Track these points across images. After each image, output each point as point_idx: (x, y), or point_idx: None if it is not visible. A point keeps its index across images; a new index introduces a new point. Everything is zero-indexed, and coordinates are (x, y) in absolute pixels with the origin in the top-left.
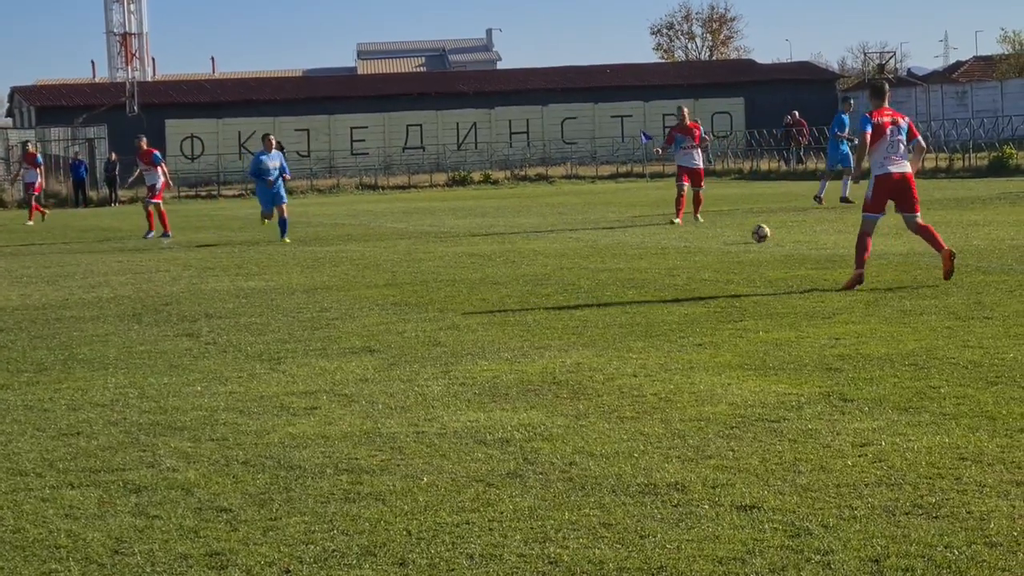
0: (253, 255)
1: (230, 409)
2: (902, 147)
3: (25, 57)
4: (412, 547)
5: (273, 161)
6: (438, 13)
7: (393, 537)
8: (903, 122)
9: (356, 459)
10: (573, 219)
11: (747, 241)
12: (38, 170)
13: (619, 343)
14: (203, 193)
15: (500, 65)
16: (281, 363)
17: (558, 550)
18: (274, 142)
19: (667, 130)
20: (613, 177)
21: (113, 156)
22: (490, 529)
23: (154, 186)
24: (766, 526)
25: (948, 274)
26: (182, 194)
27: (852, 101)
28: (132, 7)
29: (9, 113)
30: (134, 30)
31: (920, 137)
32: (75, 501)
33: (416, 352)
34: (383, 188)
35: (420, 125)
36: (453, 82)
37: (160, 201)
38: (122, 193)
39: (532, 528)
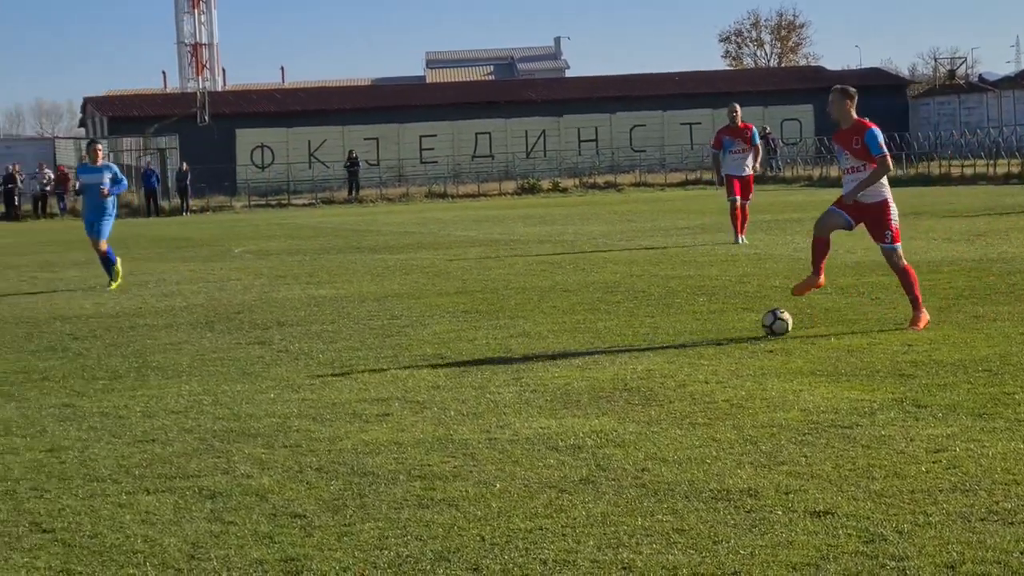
0: (324, 263)
1: (303, 416)
2: None
3: (97, 67)
4: (486, 553)
5: (97, 176)
6: (506, 22)
7: (467, 543)
8: None
9: (429, 465)
10: (642, 227)
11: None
12: None
13: (690, 350)
14: (273, 202)
15: (568, 73)
16: (353, 370)
17: (632, 556)
18: (101, 152)
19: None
20: (682, 185)
21: (184, 166)
22: (563, 535)
23: None
24: (840, 532)
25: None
26: (252, 203)
27: None
28: (203, 18)
29: (82, 123)
30: (204, 40)
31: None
32: (151, 507)
33: (487, 359)
34: (452, 196)
35: (489, 133)
36: (522, 90)
37: None
38: (193, 203)
39: (605, 534)
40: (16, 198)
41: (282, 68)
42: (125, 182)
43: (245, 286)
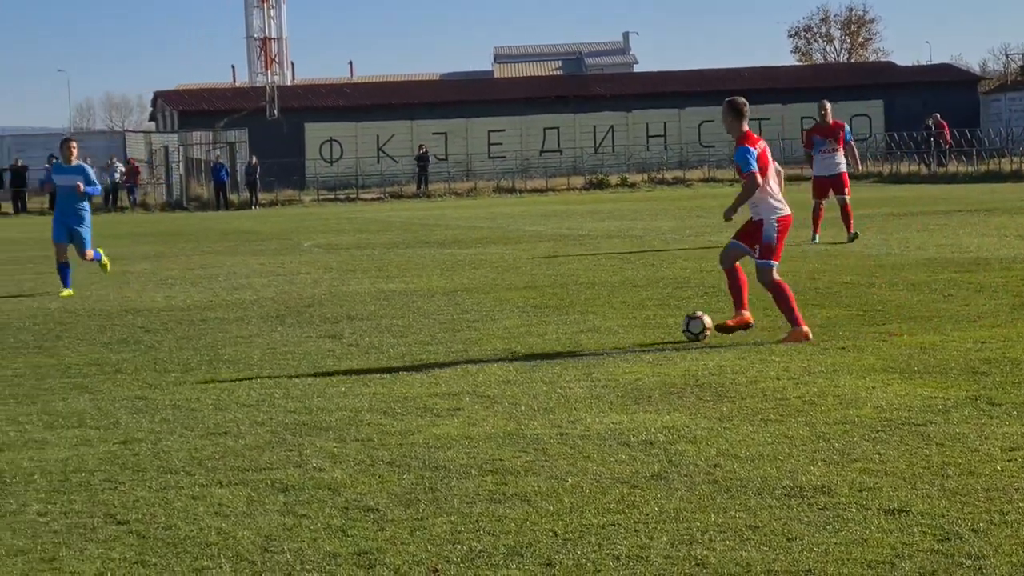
0: (393, 257)
1: (374, 410)
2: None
3: (167, 62)
4: (559, 548)
5: (72, 178)
6: (574, 16)
7: (539, 538)
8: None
9: (500, 460)
10: (711, 222)
11: (886, 243)
12: None
13: (761, 346)
14: (342, 196)
15: (637, 68)
16: (423, 365)
17: (705, 552)
18: (76, 151)
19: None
20: None
21: (254, 160)
22: (636, 531)
23: None
24: (915, 530)
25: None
26: (321, 197)
27: None
28: (272, 12)
29: (152, 117)
30: (274, 35)
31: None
32: (224, 499)
33: (557, 354)
34: (520, 191)
35: (557, 128)
36: (590, 85)
37: None
38: (262, 196)
39: (678, 530)
40: None
41: (350, 63)
42: (99, 187)
43: (315, 280)
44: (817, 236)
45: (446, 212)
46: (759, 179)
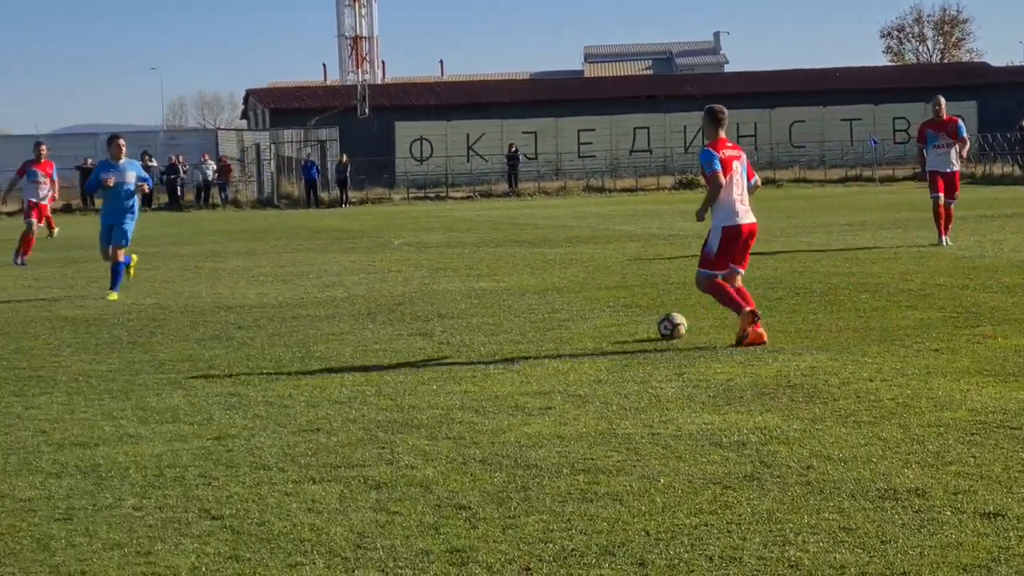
0: (483, 256)
1: (466, 408)
2: (746, 191)
3: (259, 60)
4: (651, 548)
5: (120, 175)
6: (665, 16)
7: (632, 537)
8: (744, 159)
9: (592, 459)
10: (802, 223)
11: (979, 247)
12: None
13: (854, 347)
14: (431, 195)
15: (727, 68)
16: (514, 363)
17: (798, 553)
18: (124, 148)
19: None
20: (842, 181)
21: (344, 158)
22: (728, 531)
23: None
24: (1011, 534)
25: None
26: (411, 196)
27: None
28: (363, 11)
29: (244, 115)
30: (365, 33)
31: (757, 177)
32: (317, 496)
33: (649, 354)
34: (610, 191)
35: (647, 128)
36: (680, 85)
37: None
38: (352, 194)
39: (771, 531)
40: (179, 188)
41: (441, 62)
42: (151, 180)
43: (405, 278)
44: (944, 238)
45: (536, 211)
46: (721, 179)
